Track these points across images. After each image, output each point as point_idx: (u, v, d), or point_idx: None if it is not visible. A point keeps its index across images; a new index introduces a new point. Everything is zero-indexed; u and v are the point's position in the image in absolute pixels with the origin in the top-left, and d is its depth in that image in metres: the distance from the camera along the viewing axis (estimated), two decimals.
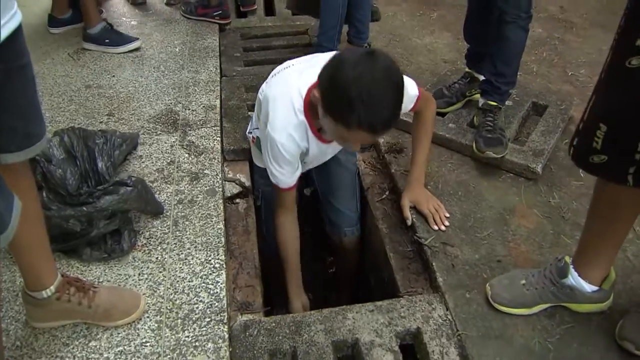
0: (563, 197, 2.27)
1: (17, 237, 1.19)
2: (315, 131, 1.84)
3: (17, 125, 1.29)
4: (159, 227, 2.00)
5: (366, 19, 2.99)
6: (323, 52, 2.70)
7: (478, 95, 2.63)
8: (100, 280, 1.81)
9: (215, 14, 3.54)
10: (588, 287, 1.71)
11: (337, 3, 2.80)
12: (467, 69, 2.69)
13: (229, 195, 2.26)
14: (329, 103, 1.57)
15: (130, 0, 3.85)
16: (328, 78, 1.56)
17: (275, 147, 1.79)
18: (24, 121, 1.31)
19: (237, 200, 2.25)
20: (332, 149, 2.04)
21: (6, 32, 1.12)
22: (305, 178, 2.44)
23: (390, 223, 2.22)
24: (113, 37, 3.22)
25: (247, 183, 2.32)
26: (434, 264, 1.96)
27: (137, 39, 3.22)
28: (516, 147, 2.40)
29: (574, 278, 1.71)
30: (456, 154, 2.47)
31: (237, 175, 2.34)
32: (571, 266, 1.72)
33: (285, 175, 1.86)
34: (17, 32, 1.18)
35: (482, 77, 2.61)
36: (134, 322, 1.67)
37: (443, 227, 2.08)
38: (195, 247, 1.92)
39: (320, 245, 2.82)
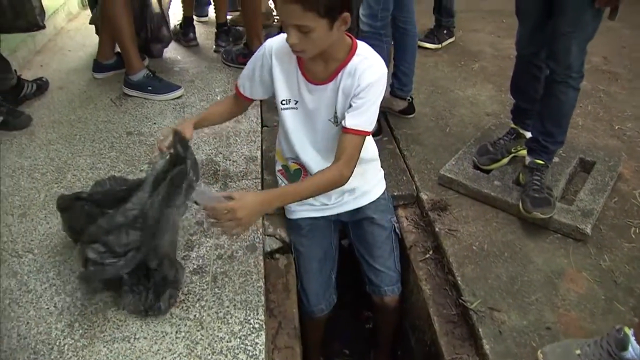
0: (614, 259, 2.18)
1: None
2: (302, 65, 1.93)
3: None
4: (198, 283, 1.96)
5: (410, 72, 2.97)
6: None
7: (524, 152, 2.58)
8: (137, 336, 1.77)
9: None
10: None
11: (383, 55, 2.74)
12: (512, 125, 2.63)
13: (269, 250, 2.22)
14: None
15: (183, 42, 3.93)
16: None
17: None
18: None
19: (277, 256, 2.21)
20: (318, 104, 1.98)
21: None
22: (343, 232, 2.40)
23: (434, 284, 2.16)
24: (155, 84, 3.25)
25: (288, 239, 2.28)
26: (480, 330, 1.88)
27: (179, 87, 3.25)
28: (564, 207, 2.33)
29: (635, 351, 1.62)
30: (501, 213, 2.40)
31: (278, 230, 2.30)
32: (632, 338, 1.63)
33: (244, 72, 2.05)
34: None
35: (528, 134, 2.56)
36: None
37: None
38: (235, 305, 1.88)
39: (360, 302, 2.75)
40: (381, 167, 2.32)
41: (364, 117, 1.83)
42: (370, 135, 2.22)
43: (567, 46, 2.14)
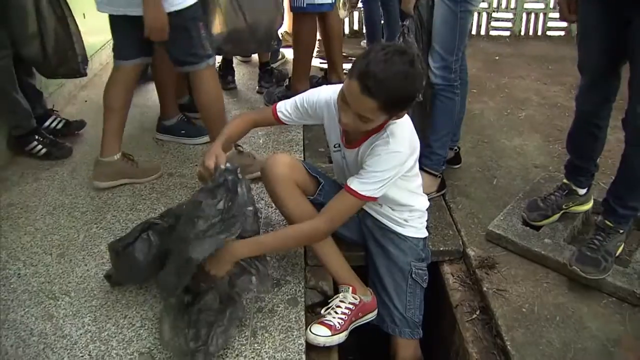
0: None
1: None
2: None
3: None
4: (237, 338, 1.89)
5: (460, 120, 2.90)
6: (432, 159, 2.63)
7: (576, 208, 2.49)
8: None
9: None
10: None
11: (454, 108, 2.69)
12: (565, 180, 2.53)
13: (310, 303, 2.15)
14: None
15: (222, 85, 3.92)
16: None
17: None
18: None
19: (318, 310, 2.13)
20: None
21: None
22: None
23: (482, 347, 2.05)
24: (189, 128, 3.24)
25: (330, 292, 2.20)
26: None
27: None
28: (619, 269, 2.21)
29: None
30: (552, 273, 2.29)
31: (320, 283, 2.23)
32: None
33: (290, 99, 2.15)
34: None
35: (581, 191, 2.46)
36: None
37: None
38: None
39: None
40: (427, 219, 2.27)
41: (364, 182, 1.88)
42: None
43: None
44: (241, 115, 2.29)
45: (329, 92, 2.06)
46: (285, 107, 2.14)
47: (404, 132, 1.92)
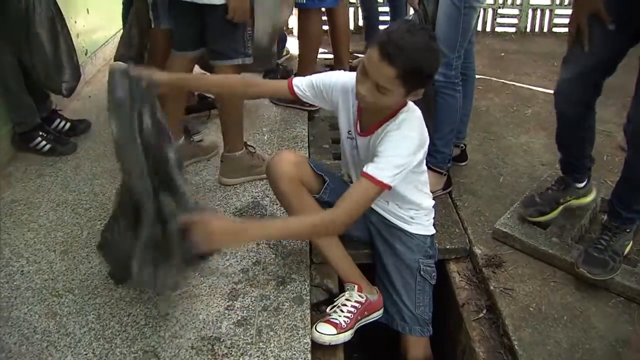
0: None
1: None
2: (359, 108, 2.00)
3: None
4: (242, 336, 1.88)
5: (466, 118, 2.88)
6: (437, 158, 2.61)
7: (575, 201, 2.47)
8: None
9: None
10: None
11: (457, 106, 2.65)
12: (562, 174, 2.51)
13: (315, 301, 2.13)
14: None
15: None
16: None
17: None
18: None
19: (323, 308, 2.11)
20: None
21: None
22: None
23: (489, 347, 2.03)
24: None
25: (335, 290, 2.19)
26: None
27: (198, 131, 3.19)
28: (627, 268, 2.19)
29: None
30: (559, 272, 2.27)
31: (325, 281, 2.21)
32: None
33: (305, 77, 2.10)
34: None
35: (579, 184, 2.44)
36: None
37: None
38: None
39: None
40: (433, 217, 2.24)
41: (380, 167, 1.81)
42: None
43: None
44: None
45: (346, 77, 2.03)
46: (301, 82, 2.10)
47: (415, 120, 1.91)
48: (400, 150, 1.84)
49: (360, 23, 5.37)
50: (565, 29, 2.39)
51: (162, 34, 2.69)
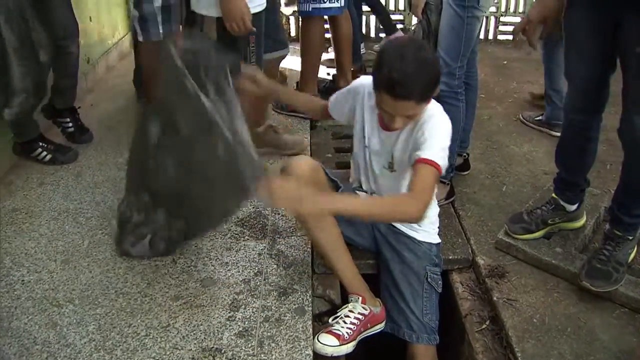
0: None
1: None
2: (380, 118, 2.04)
3: None
4: (243, 347, 1.86)
5: (469, 127, 2.87)
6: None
7: (564, 225, 2.45)
8: None
9: None
10: None
11: (459, 115, 2.63)
12: (553, 195, 2.47)
13: (317, 312, 2.12)
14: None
15: None
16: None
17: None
18: None
19: (326, 319, 2.10)
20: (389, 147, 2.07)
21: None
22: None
23: (492, 358, 2.02)
24: None
25: (338, 300, 2.18)
26: None
27: None
28: (631, 279, 2.18)
29: None
30: (563, 282, 2.25)
31: (327, 292, 2.20)
32: None
33: None
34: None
35: (569, 207, 2.42)
36: None
37: None
38: None
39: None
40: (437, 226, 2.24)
41: (433, 151, 1.85)
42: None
43: None
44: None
45: (368, 80, 1.99)
46: (334, 97, 2.23)
47: (438, 106, 2.00)
48: (442, 132, 1.93)
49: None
50: None
51: (151, 46, 2.62)
